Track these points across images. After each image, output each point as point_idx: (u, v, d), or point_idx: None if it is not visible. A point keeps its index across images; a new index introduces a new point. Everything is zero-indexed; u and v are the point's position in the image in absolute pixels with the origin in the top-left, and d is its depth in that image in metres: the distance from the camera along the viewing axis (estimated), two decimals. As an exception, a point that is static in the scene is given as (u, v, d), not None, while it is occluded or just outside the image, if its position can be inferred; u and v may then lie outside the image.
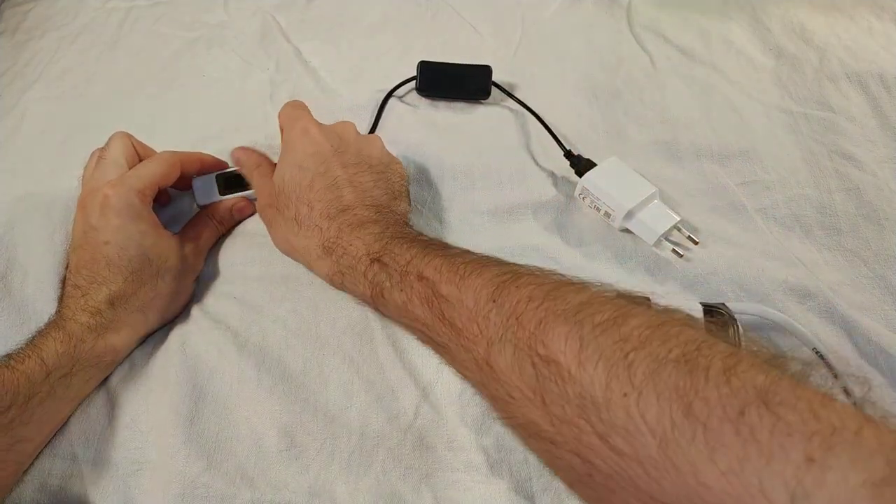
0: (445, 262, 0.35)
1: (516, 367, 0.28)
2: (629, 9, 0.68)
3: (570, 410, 0.26)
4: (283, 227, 0.43)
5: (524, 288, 0.30)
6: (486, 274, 0.32)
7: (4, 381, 0.35)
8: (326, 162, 0.43)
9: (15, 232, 0.48)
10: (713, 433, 0.22)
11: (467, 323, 0.31)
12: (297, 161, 0.43)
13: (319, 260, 0.41)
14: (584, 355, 0.26)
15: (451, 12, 0.69)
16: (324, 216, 0.41)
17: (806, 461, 0.21)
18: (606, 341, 0.26)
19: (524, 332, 0.29)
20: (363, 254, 0.38)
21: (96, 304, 0.40)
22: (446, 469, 0.38)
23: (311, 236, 0.41)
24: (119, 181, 0.42)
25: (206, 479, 0.37)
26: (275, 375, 0.41)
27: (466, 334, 0.31)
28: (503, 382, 0.29)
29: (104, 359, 0.41)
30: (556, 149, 0.53)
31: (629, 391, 0.25)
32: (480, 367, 0.31)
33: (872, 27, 0.64)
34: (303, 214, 0.42)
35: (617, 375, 0.25)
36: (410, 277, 0.35)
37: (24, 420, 0.36)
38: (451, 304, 0.33)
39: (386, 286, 0.37)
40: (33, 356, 0.37)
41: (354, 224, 0.40)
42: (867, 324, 0.43)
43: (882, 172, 0.52)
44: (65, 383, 0.38)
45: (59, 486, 0.38)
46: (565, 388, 0.26)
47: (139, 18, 0.69)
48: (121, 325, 0.41)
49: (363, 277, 0.38)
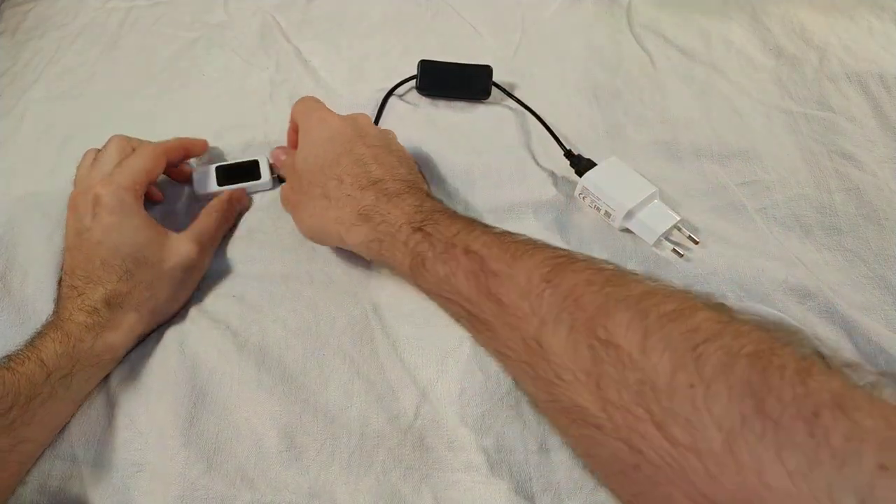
0: (495, 239, 0.35)
1: (570, 348, 0.28)
2: (629, 9, 0.68)
3: (626, 396, 0.25)
4: (311, 206, 0.43)
5: (581, 272, 0.30)
6: (539, 255, 0.32)
7: (5, 383, 0.35)
8: (349, 142, 0.43)
9: (14, 232, 0.48)
10: (785, 432, 0.22)
11: (517, 300, 0.31)
12: (319, 143, 0.43)
13: (354, 227, 0.40)
14: (649, 343, 0.26)
15: (451, 12, 0.69)
16: (356, 187, 0.40)
17: (878, 468, 0.20)
18: (673, 331, 0.26)
19: (583, 314, 0.28)
20: (403, 222, 0.38)
21: (93, 304, 0.40)
22: (446, 469, 0.38)
23: (343, 206, 0.40)
24: (108, 179, 0.42)
25: (205, 481, 0.37)
26: (275, 376, 0.41)
27: (515, 311, 0.31)
28: (553, 363, 0.29)
29: (103, 357, 0.40)
30: (556, 148, 0.53)
31: (696, 382, 0.24)
32: (528, 346, 0.30)
33: (872, 27, 0.64)
34: (331, 188, 0.41)
35: (684, 365, 0.25)
36: (456, 250, 0.35)
37: (25, 421, 0.36)
38: (500, 281, 0.32)
39: (428, 256, 0.36)
40: (33, 357, 0.37)
41: (391, 193, 0.40)
42: (867, 324, 0.43)
43: (882, 172, 0.52)
44: (65, 383, 0.38)
45: (59, 487, 0.38)
46: (625, 373, 0.26)
47: (139, 18, 0.69)
48: (118, 324, 0.41)
49: (403, 246, 0.37)
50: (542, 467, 0.38)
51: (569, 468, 0.38)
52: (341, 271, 0.46)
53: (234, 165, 0.52)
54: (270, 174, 0.52)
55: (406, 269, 0.38)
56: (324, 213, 0.42)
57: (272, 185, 0.52)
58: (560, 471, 0.38)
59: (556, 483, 0.37)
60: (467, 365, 0.41)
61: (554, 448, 0.38)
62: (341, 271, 0.46)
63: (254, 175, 0.51)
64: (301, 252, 0.47)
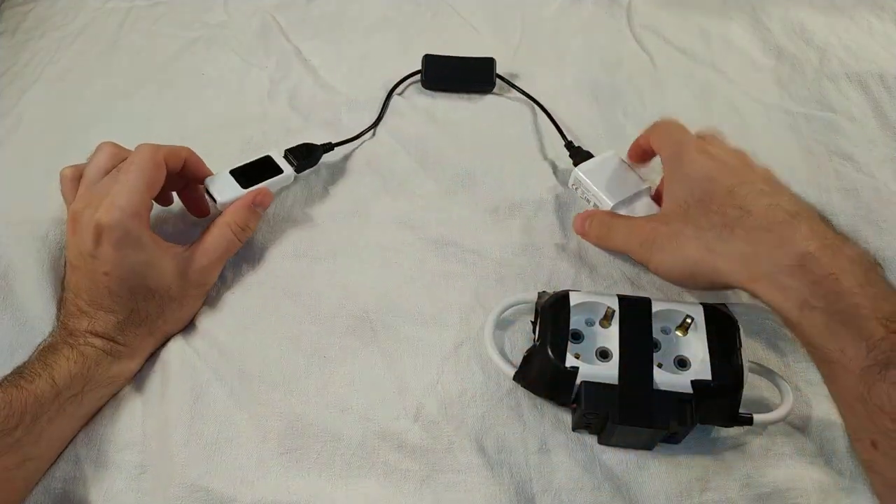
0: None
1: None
2: (629, 9, 0.68)
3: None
4: (699, 239, 0.37)
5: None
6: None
7: (12, 402, 0.35)
8: (741, 175, 0.38)
9: (10, 231, 0.48)
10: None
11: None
12: (708, 174, 0.38)
13: (785, 276, 0.33)
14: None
15: (451, 12, 0.69)
16: (773, 221, 0.34)
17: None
18: None
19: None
20: (871, 314, 0.30)
21: (108, 331, 0.40)
22: (447, 471, 0.38)
23: (759, 240, 0.34)
24: (111, 205, 0.38)
25: (205, 483, 0.37)
26: (275, 377, 0.41)
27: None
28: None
29: (117, 381, 0.41)
30: (559, 141, 0.53)
31: None
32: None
33: (872, 27, 0.64)
34: (733, 217, 0.35)
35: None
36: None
37: (32, 439, 0.36)
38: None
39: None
40: (44, 375, 0.37)
41: (826, 240, 0.33)
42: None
43: (881, 173, 0.52)
44: (75, 402, 0.38)
45: (63, 489, 0.38)
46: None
47: (139, 19, 0.69)
48: (135, 351, 0.41)
49: (861, 340, 0.30)
50: (543, 468, 0.38)
51: (569, 469, 0.38)
52: (342, 271, 0.46)
53: (248, 166, 0.48)
54: (290, 165, 0.49)
55: (852, 367, 0.31)
56: (718, 246, 0.35)
57: (294, 178, 0.50)
58: (560, 471, 0.38)
59: (557, 484, 0.37)
60: (467, 366, 0.41)
61: (554, 448, 0.38)
62: (342, 271, 0.46)
63: (274, 170, 0.48)
64: (301, 251, 0.47)
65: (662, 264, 0.40)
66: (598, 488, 0.37)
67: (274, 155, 0.49)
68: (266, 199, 0.46)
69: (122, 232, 0.38)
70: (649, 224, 0.41)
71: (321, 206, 0.50)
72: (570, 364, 0.37)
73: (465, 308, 0.44)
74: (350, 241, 0.48)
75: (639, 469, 0.38)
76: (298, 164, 0.50)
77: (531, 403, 0.40)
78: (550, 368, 0.37)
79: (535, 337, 0.40)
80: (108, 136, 0.46)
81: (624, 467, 0.38)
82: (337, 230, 0.49)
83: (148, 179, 0.40)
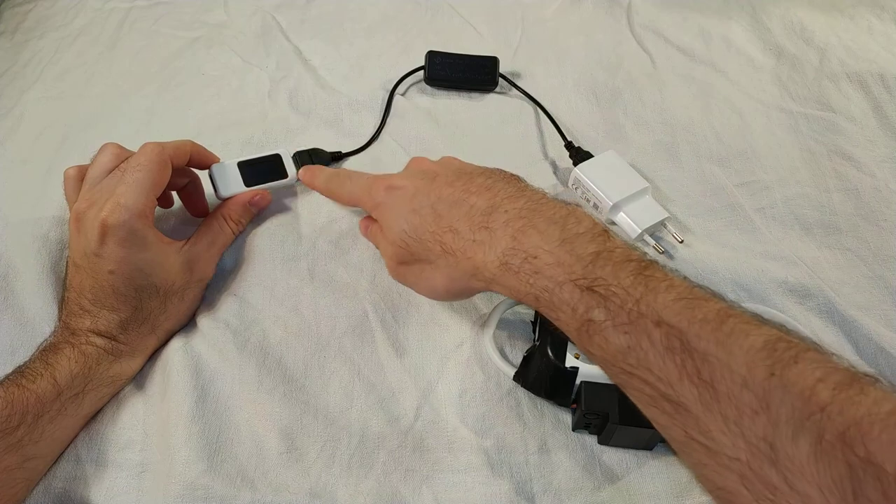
0: (688, 305, 0.30)
1: (817, 461, 0.25)
2: (629, 9, 0.68)
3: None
4: (438, 270, 0.38)
5: (814, 369, 0.27)
6: (755, 334, 0.28)
7: (14, 401, 0.35)
8: (431, 192, 0.39)
9: (11, 231, 0.48)
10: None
11: (737, 390, 0.27)
12: (405, 210, 0.39)
13: (502, 278, 0.34)
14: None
15: (451, 12, 0.69)
16: (476, 228, 0.36)
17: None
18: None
19: (833, 425, 0.25)
20: (565, 279, 0.32)
21: (110, 330, 0.40)
22: (447, 470, 0.38)
23: (474, 254, 0.35)
24: (116, 204, 0.39)
25: (206, 481, 0.37)
26: (275, 377, 0.41)
27: (736, 403, 0.27)
28: (786, 469, 0.26)
29: (118, 380, 0.41)
30: (559, 141, 0.53)
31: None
32: (751, 444, 0.27)
33: (872, 27, 0.64)
34: (450, 242, 0.37)
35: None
36: (645, 322, 0.30)
37: (34, 439, 0.36)
38: (710, 364, 0.28)
39: (605, 326, 0.31)
40: (46, 375, 0.37)
41: (518, 223, 0.35)
42: (867, 324, 0.43)
43: (881, 173, 0.52)
44: (77, 402, 0.38)
45: (63, 488, 0.38)
46: (894, 500, 0.24)
47: (139, 19, 0.69)
48: (136, 350, 0.41)
49: (569, 308, 0.32)
50: (543, 468, 0.38)
51: (569, 469, 0.38)
52: (342, 271, 0.46)
53: (257, 161, 0.49)
54: (296, 169, 0.50)
55: (571, 332, 0.33)
56: (454, 272, 0.37)
57: (297, 183, 0.50)
58: (560, 471, 0.38)
59: (557, 484, 0.37)
60: (467, 366, 0.42)
61: (554, 449, 0.38)
62: (342, 271, 0.46)
63: (279, 173, 0.49)
64: (301, 251, 0.47)
65: (427, 293, 0.41)
66: (598, 488, 0.37)
67: (283, 154, 0.50)
68: (263, 201, 0.48)
69: (128, 231, 0.39)
70: (394, 267, 0.41)
71: (322, 206, 0.50)
72: (570, 364, 0.37)
73: (466, 308, 0.44)
74: (350, 241, 0.48)
75: (639, 469, 0.38)
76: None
77: (531, 403, 0.40)
78: (550, 368, 0.37)
79: (535, 337, 0.40)
80: (108, 136, 0.47)
81: (624, 467, 0.38)
82: (338, 230, 0.49)
83: (154, 179, 0.41)
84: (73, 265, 0.41)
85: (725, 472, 0.28)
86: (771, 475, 0.26)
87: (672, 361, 0.29)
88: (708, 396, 0.28)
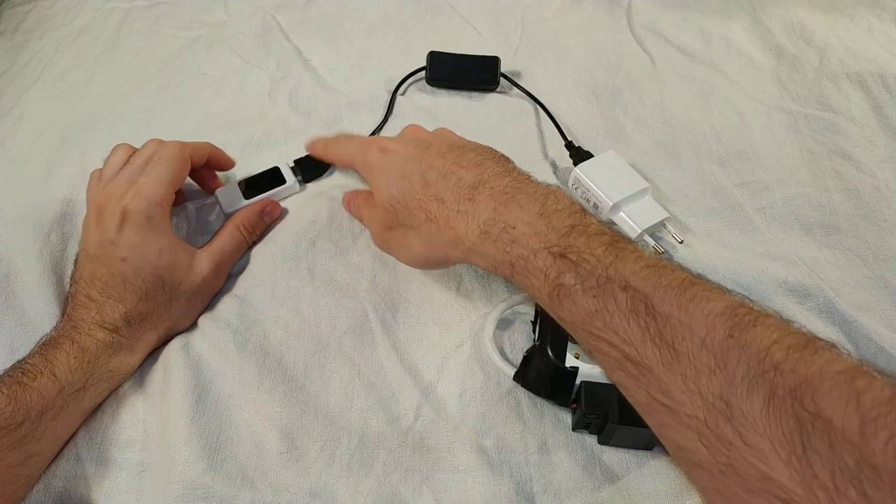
0: (655, 272, 0.31)
1: (769, 416, 0.26)
2: (629, 9, 0.68)
3: (840, 478, 0.24)
4: (419, 236, 0.39)
5: (771, 332, 0.28)
6: (716, 300, 0.30)
7: (17, 398, 0.35)
8: (423, 161, 0.40)
9: (11, 231, 0.48)
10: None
11: (696, 350, 0.28)
12: (395, 175, 0.40)
13: (480, 246, 0.36)
14: (869, 429, 0.24)
15: (451, 12, 0.69)
16: (461, 199, 0.37)
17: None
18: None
19: (785, 382, 0.26)
20: (539, 247, 0.34)
21: (112, 322, 0.40)
22: (447, 470, 0.38)
23: (457, 224, 0.37)
24: (137, 193, 0.41)
25: (206, 481, 0.37)
26: (276, 377, 0.41)
27: (694, 362, 0.28)
28: (740, 425, 0.27)
29: (117, 375, 0.41)
30: (560, 141, 0.53)
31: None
32: (708, 402, 0.28)
33: (872, 27, 0.64)
34: (435, 210, 0.38)
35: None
36: (612, 286, 0.31)
37: (37, 436, 0.36)
38: (672, 326, 0.29)
39: (576, 290, 0.32)
40: (45, 371, 0.37)
41: (501, 197, 0.36)
42: (867, 323, 0.43)
43: (881, 173, 0.52)
44: (77, 397, 0.38)
45: (64, 487, 0.38)
46: (840, 453, 0.24)
47: (139, 19, 0.69)
48: (136, 344, 0.41)
49: (541, 274, 0.34)
50: (543, 468, 0.38)
51: (569, 469, 0.38)
52: (342, 271, 0.46)
53: (257, 177, 0.51)
54: (294, 176, 0.52)
55: (543, 298, 0.34)
56: (436, 239, 0.38)
57: (299, 188, 0.52)
58: (560, 471, 0.38)
59: (557, 484, 0.37)
60: (467, 365, 0.42)
61: (554, 448, 0.38)
62: (342, 271, 0.46)
63: (279, 181, 0.51)
64: (301, 251, 0.47)
65: (406, 259, 0.42)
66: (598, 488, 0.37)
67: (282, 167, 0.52)
68: (275, 211, 0.50)
69: (146, 218, 0.41)
70: (379, 231, 0.43)
71: (322, 206, 0.50)
72: (570, 364, 0.37)
73: (466, 308, 0.44)
74: (350, 241, 0.48)
75: (639, 469, 0.38)
76: (304, 176, 0.52)
77: (531, 403, 0.40)
78: (550, 368, 0.38)
79: (535, 337, 0.40)
80: (108, 135, 0.47)
81: (624, 467, 0.38)
82: (338, 231, 0.49)
83: (174, 173, 0.43)
84: (86, 256, 0.42)
85: (684, 430, 0.29)
86: (726, 431, 0.27)
87: (636, 324, 0.30)
88: (669, 357, 0.29)
